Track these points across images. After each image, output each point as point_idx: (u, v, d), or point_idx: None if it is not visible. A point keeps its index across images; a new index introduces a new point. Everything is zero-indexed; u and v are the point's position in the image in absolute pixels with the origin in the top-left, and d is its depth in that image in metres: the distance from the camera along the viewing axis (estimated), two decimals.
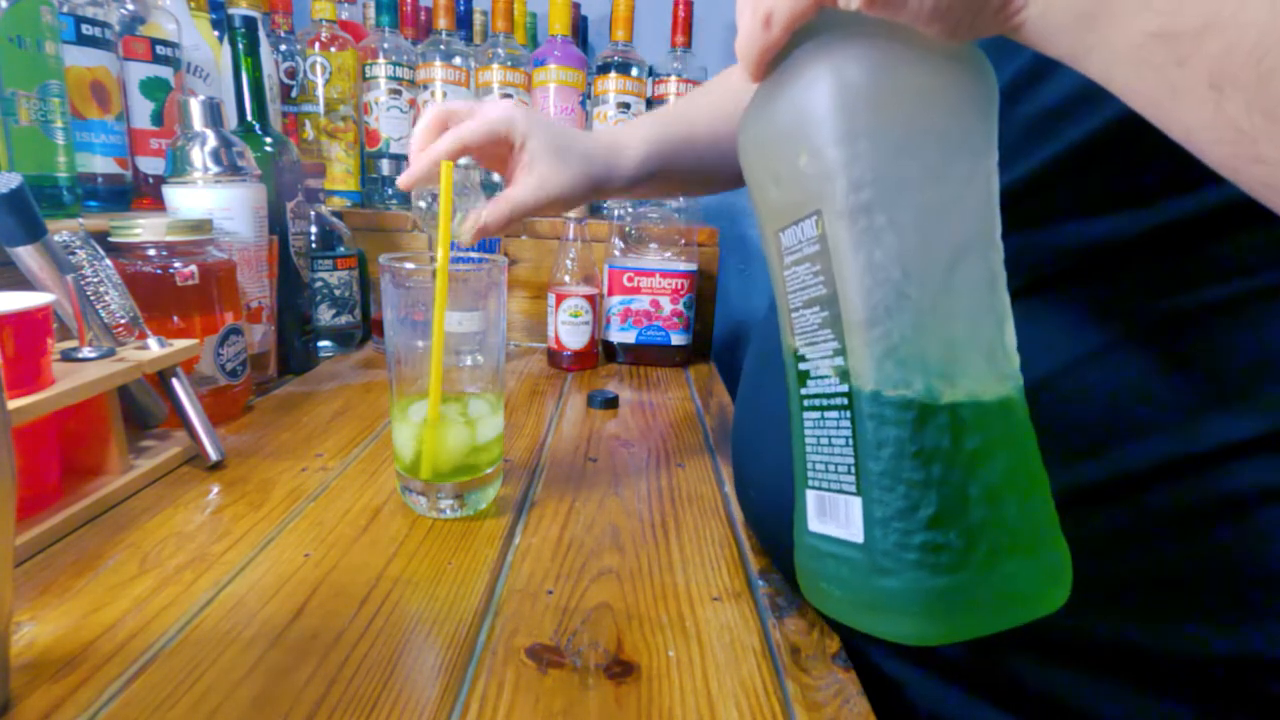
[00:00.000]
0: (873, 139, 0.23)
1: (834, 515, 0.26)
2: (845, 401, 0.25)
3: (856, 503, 0.25)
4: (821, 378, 0.26)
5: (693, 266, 0.82)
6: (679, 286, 0.81)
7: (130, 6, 0.66)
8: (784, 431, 0.29)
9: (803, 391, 0.27)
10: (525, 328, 0.92)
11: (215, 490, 0.46)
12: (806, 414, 0.27)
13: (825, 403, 0.26)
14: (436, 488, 0.43)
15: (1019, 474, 0.24)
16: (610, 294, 0.81)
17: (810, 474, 0.27)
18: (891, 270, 0.23)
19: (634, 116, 0.92)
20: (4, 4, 0.51)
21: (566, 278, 0.80)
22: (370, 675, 0.30)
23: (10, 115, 0.53)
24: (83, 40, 0.60)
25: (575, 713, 0.29)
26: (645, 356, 0.83)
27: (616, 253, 0.82)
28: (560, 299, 0.78)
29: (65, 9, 0.58)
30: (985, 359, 0.24)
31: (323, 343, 0.80)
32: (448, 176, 0.40)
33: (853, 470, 0.25)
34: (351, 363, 0.78)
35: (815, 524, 0.27)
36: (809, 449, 0.27)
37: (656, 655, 0.32)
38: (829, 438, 0.26)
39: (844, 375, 0.25)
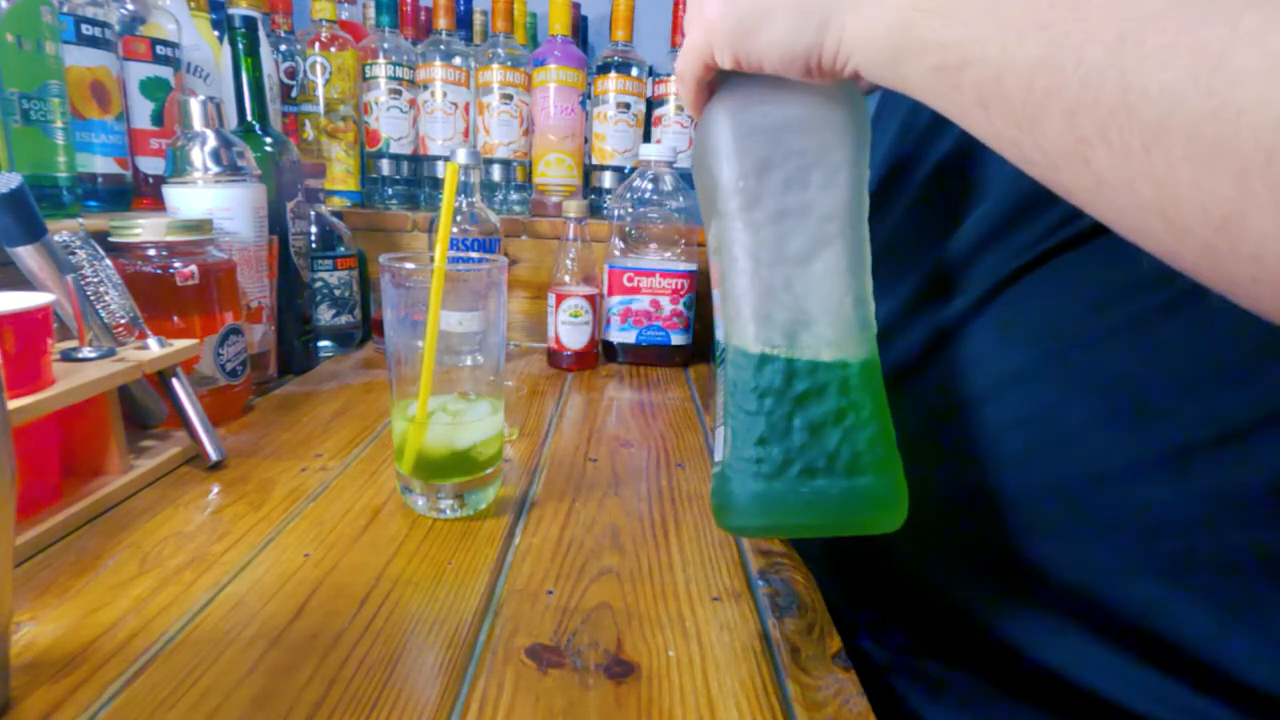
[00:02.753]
0: (740, 160, 0.31)
1: (719, 443, 0.33)
2: (723, 356, 0.33)
3: (723, 430, 0.32)
4: (718, 342, 0.34)
5: (693, 266, 0.82)
6: (679, 286, 0.81)
7: (130, 6, 0.66)
8: None
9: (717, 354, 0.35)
10: (525, 328, 0.92)
11: (215, 490, 0.46)
12: (718, 370, 0.34)
13: (720, 359, 0.34)
14: (436, 488, 0.43)
15: (848, 416, 0.30)
16: (610, 294, 0.81)
17: (717, 416, 0.34)
18: (750, 260, 0.31)
19: (634, 117, 0.92)
20: (4, 4, 0.51)
21: (566, 278, 0.80)
22: (370, 675, 0.30)
23: (10, 115, 0.53)
24: (83, 40, 0.60)
25: (575, 713, 0.29)
26: (645, 356, 0.83)
27: (616, 253, 0.82)
28: (560, 299, 0.78)
29: (65, 9, 0.58)
30: (831, 327, 0.31)
31: (323, 343, 0.80)
32: (451, 176, 0.40)
33: (725, 407, 0.32)
34: (351, 363, 0.78)
35: (715, 455, 0.33)
36: (718, 397, 0.34)
37: (656, 655, 0.32)
38: (721, 386, 0.33)
39: (724, 336, 0.33)
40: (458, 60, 0.92)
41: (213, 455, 0.49)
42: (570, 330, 0.79)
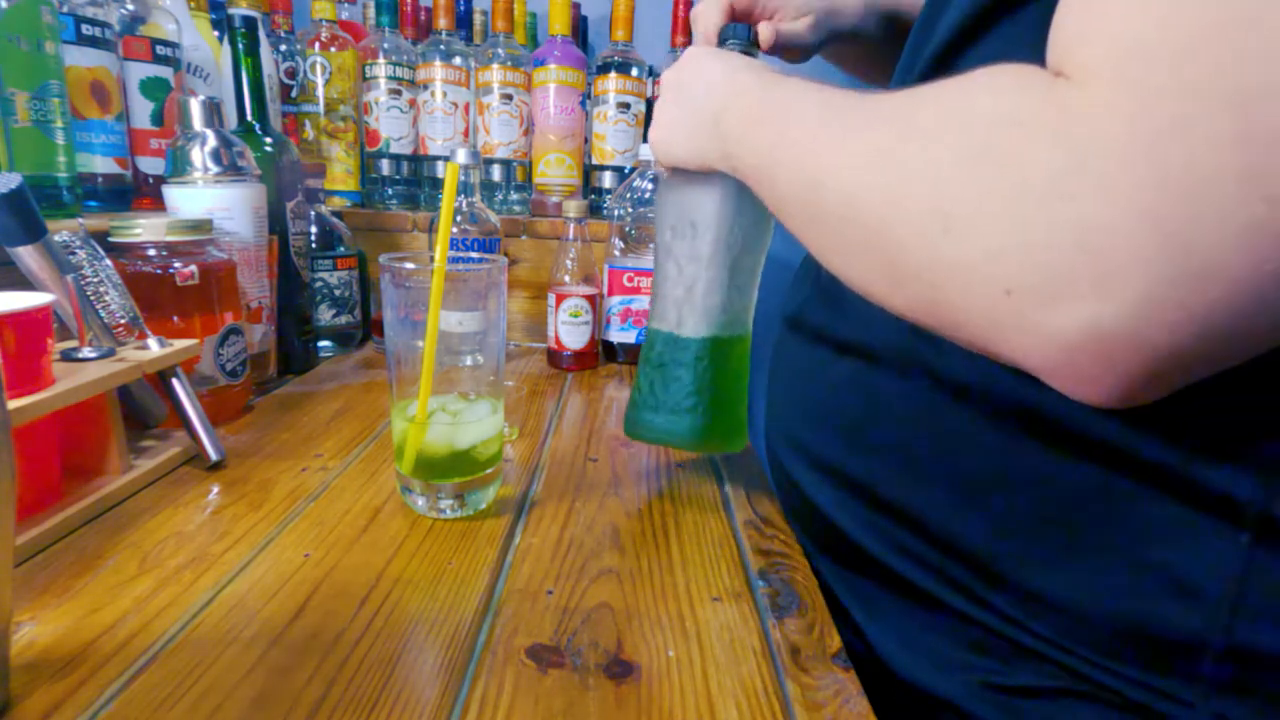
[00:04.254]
0: (664, 217, 0.47)
1: (634, 387, 0.50)
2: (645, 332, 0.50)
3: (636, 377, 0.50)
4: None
5: None
6: None
7: (130, 6, 0.66)
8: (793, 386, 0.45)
9: None
10: (525, 328, 0.92)
11: (215, 490, 0.46)
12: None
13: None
14: (436, 488, 0.43)
15: (696, 376, 0.46)
16: (610, 294, 0.81)
17: None
18: (661, 277, 0.48)
19: (634, 117, 0.92)
20: (4, 4, 0.51)
21: (566, 278, 0.80)
22: (370, 675, 0.30)
23: (10, 115, 0.53)
24: (83, 40, 0.60)
25: (575, 713, 0.29)
26: None
27: (616, 253, 0.82)
28: (560, 299, 0.78)
29: (65, 9, 0.58)
30: (694, 319, 0.46)
31: (323, 343, 0.80)
32: (451, 176, 0.40)
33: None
34: (351, 363, 0.78)
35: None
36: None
37: (656, 655, 0.32)
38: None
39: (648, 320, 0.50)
40: (458, 60, 0.92)
41: (213, 455, 0.49)
42: (570, 330, 0.79)
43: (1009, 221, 0.23)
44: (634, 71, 0.91)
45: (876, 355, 0.38)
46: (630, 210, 0.82)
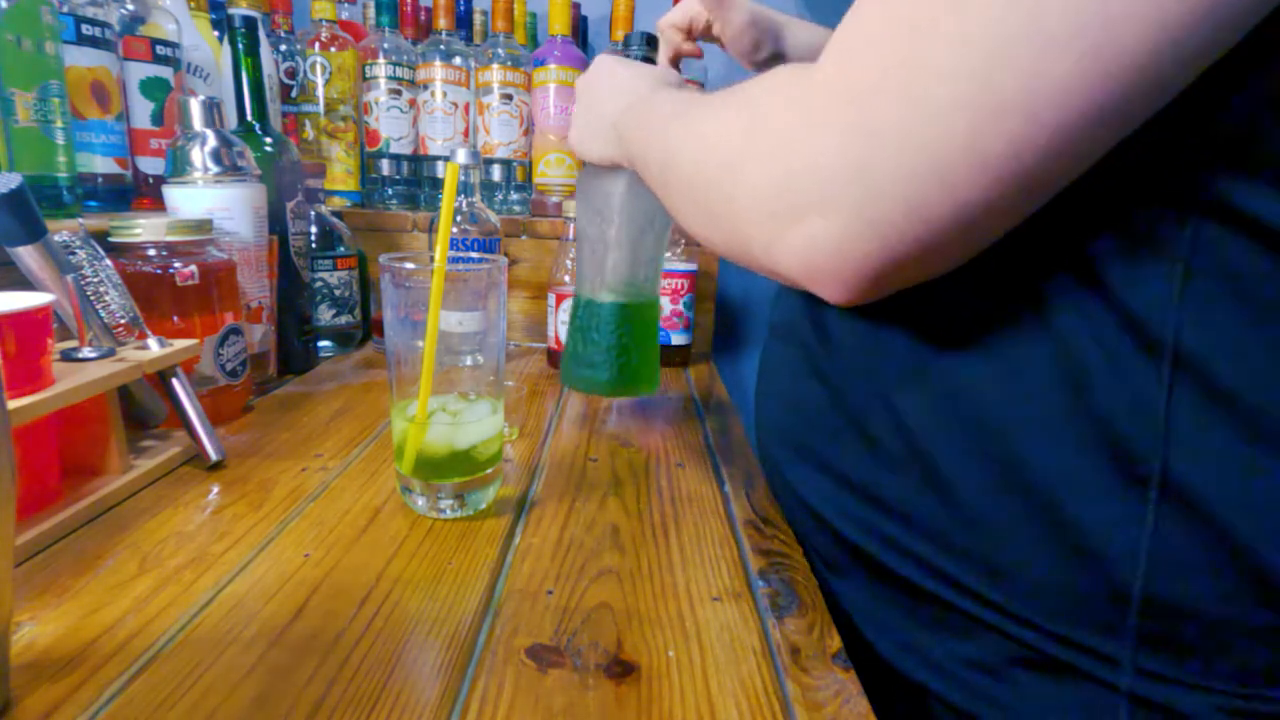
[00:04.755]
0: (580, 205, 0.56)
1: (565, 345, 0.60)
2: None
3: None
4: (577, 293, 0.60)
5: (693, 266, 0.82)
6: (679, 286, 0.81)
7: (130, 6, 0.66)
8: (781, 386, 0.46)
9: None
10: (525, 328, 0.92)
11: (215, 490, 0.46)
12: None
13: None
14: (436, 488, 0.43)
15: (612, 334, 0.56)
16: None
17: None
18: (579, 253, 0.58)
19: None
20: (4, 4, 0.51)
21: (566, 278, 0.80)
22: (370, 675, 0.30)
23: (10, 115, 0.53)
24: (83, 40, 0.60)
25: (575, 713, 0.29)
26: None
27: None
28: (560, 299, 0.78)
29: (65, 9, 0.58)
30: (607, 288, 0.56)
31: (323, 343, 0.80)
32: (451, 176, 0.40)
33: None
34: (351, 363, 0.78)
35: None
36: None
37: (656, 655, 0.32)
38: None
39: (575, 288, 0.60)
40: (458, 60, 0.92)
41: (213, 455, 0.49)
42: None
43: (764, 163, 0.30)
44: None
45: (832, 343, 0.41)
46: None
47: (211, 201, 0.59)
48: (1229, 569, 0.27)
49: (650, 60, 0.57)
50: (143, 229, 0.52)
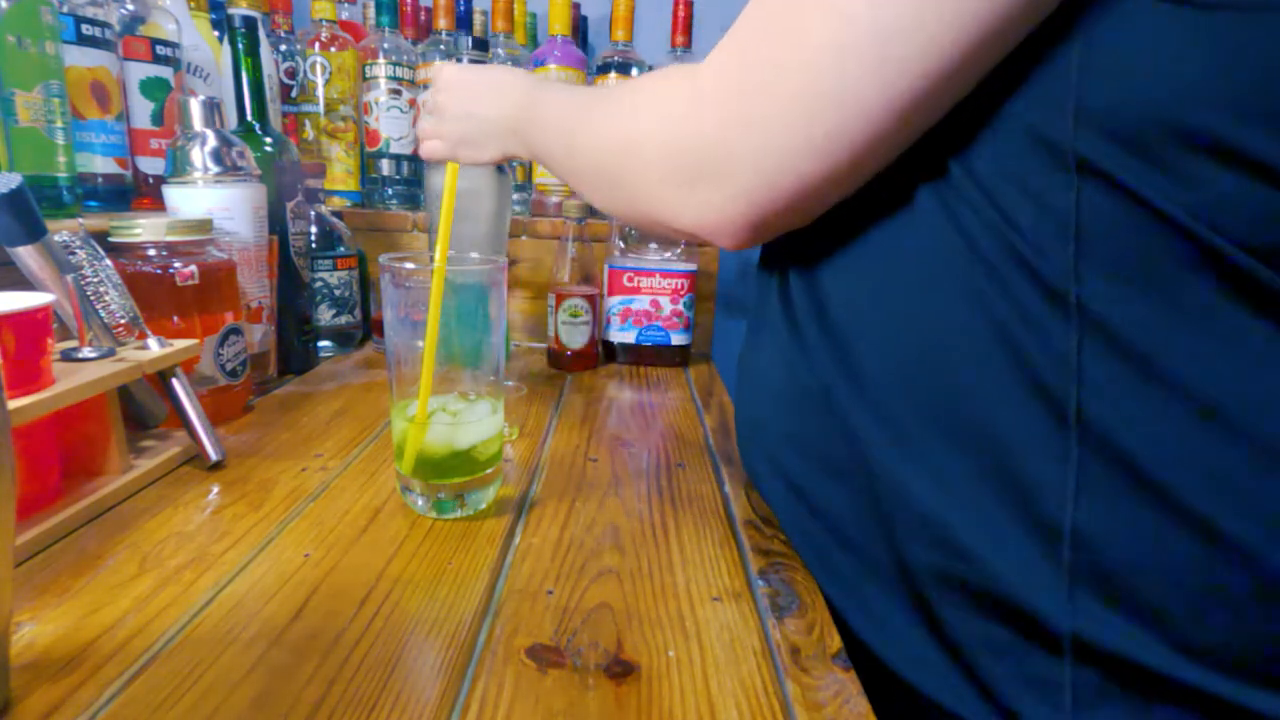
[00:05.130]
0: (429, 197, 0.65)
1: None
2: None
3: None
4: None
5: (693, 266, 0.82)
6: (679, 286, 0.81)
7: (130, 6, 0.66)
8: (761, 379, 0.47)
9: None
10: (525, 328, 0.92)
11: (215, 490, 0.46)
12: None
13: None
14: (436, 488, 0.43)
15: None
16: (610, 294, 0.81)
17: None
18: (433, 236, 0.56)
19: None
20: (4, 4, 0.51)
21: (566, 278, 0.80)
22: (370, 675, 0.30)
23: (10, 115, 0.53)
24: (83, 40, 0.60)
25: (575, 713, 0.29)
26: (645, 356, 0.83)
27: (616, 253, 0.82)
28: (560, 299, 0.78)
29: (65, 9, 0.58)
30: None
31: (323, 343, 0.80)
32: (452, 176, 0.40)
33: None
34: (351, 363, 0.78)
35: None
36: None
37: (656, 655, 0.32)
38: None
39: None
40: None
41: (213, 455, 0.49)
42: (570, 330, 0.79)
43: (660, 139, 0.38)
44: (634, 72, 0.91)
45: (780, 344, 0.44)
46: None
47: (211, 201, 0.59)
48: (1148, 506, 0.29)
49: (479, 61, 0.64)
50: (143, 229, 0.52)
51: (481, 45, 0.64)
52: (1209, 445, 0.28)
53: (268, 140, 0.67)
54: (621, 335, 0.82)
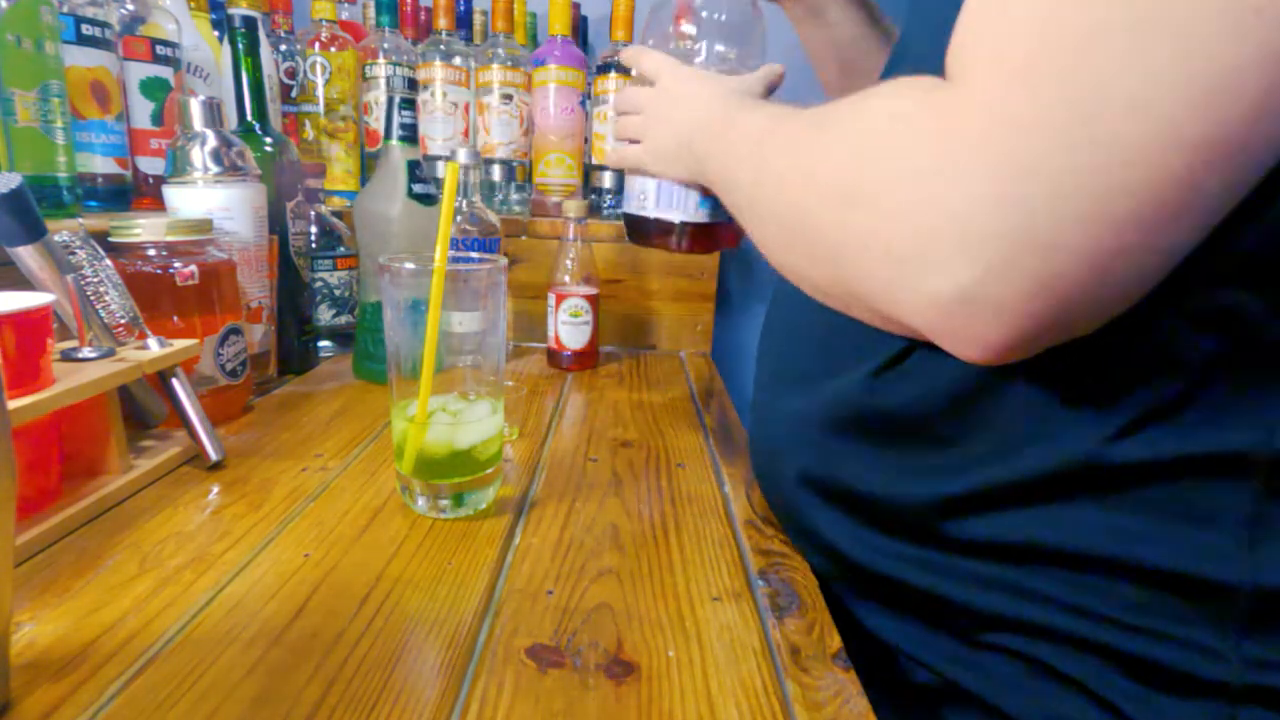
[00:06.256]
0: (358, 219, 0.67)
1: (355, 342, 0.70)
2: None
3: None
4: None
5: None
6: None
7: (130, 6, 0.66)
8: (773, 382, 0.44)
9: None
10: (525, 328, 0.92)
11: (215, 490, 0.46)
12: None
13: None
14: (436, 488, 0.43)
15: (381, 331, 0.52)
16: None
17: None
18: (361, 268, 0.70)
19: None
20: (4, 4, 0.51)
21: (566, 278, 0.80)
22: (370, 675, 0.30)
23: (10, 115, 0.53)
24: (83, 40, 0.60)
25: (575, 713, 0.29)
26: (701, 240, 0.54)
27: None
28: (560, 299, 0.78)
29: (65, 9, 0.58)
30: None
31: (323, 343, 0.80)
32: (451, 176, 0.40)
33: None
34: (352, 363, 0.78)
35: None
36: None
37: (656, 655, 0.32)
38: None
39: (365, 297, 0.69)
40: (458, 60, 0.92)
41: (213, 455, 0.49)
42: (570, 330, 0.79)
43: (891, 200, 0.27)
44: (634, 72, 0.91)
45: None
46: None
47: (211, 201, 0.59)
48: None
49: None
50: (143, 229, 0.52)
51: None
52: None
53: (268, 140, 0.67)
54: (698, 214, 0.51)
